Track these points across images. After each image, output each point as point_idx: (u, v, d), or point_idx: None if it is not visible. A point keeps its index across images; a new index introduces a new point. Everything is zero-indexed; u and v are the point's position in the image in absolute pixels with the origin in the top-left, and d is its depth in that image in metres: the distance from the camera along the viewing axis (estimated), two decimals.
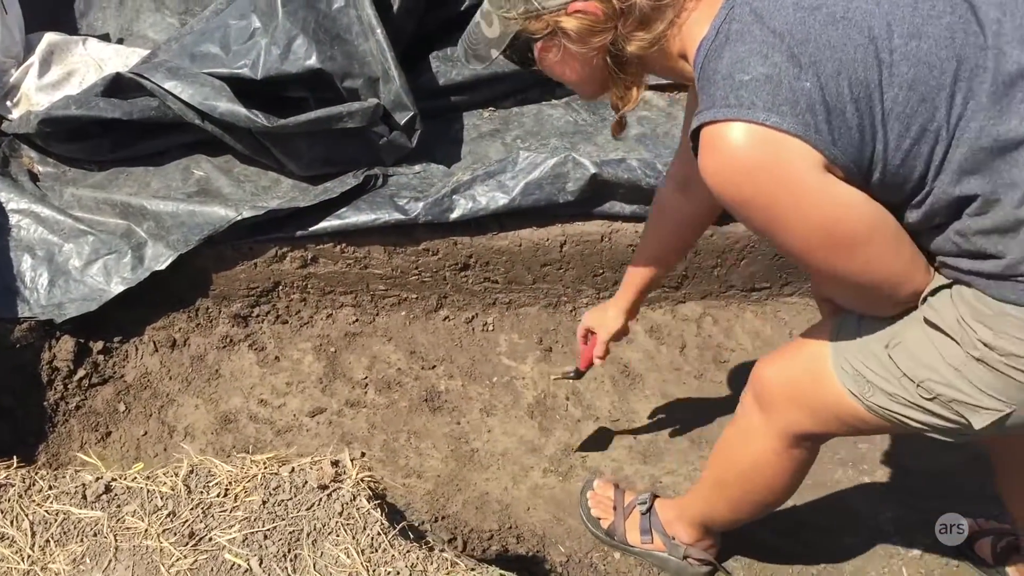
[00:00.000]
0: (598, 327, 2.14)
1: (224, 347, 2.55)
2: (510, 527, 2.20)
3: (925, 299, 1.37)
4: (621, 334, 2.17)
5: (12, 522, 1.42)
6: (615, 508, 2.18)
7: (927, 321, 1.37)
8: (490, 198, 2.51)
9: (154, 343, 2.51)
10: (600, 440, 2.43)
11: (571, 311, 2.72)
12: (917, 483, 2.33)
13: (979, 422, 1.36)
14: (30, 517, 1.43)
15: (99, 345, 2.43)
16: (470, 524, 2.20)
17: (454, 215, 2.50)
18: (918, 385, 1.39)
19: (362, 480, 1.54)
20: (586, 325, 2.17)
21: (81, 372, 2.38)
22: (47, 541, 1.41)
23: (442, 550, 1.48)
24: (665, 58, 1.38)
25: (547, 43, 1.38)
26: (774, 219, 1.27)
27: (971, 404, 1.36)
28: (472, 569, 1.44)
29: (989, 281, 1.29)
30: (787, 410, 1.61)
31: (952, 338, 1.34)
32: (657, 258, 2.00)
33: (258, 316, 2.61)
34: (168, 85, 2.49)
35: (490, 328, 2.68)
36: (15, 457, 1.53)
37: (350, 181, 2.53)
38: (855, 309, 1.50)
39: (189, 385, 2.46)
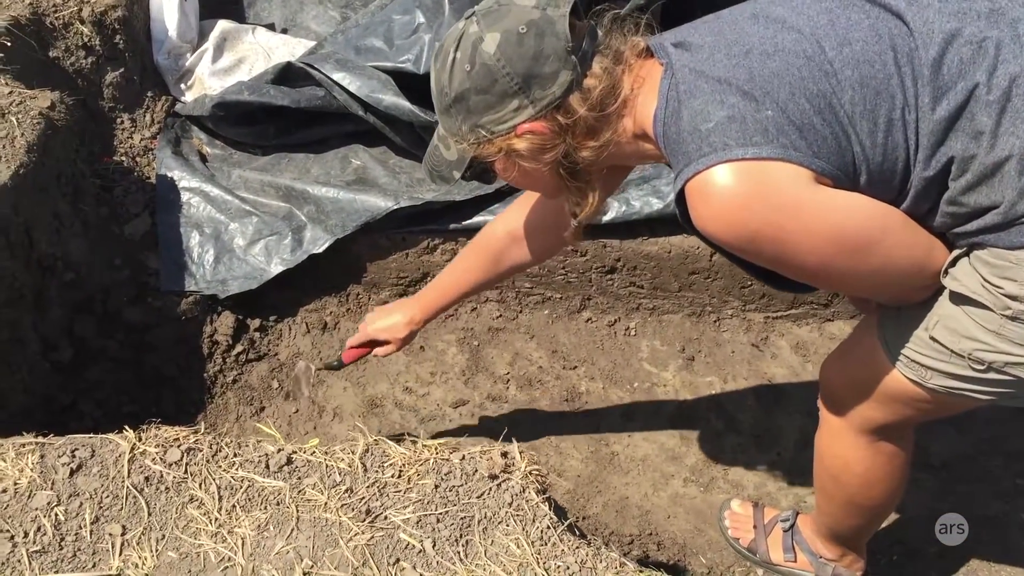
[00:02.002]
0: (390, 338, 2.05)
1: None
2: (650, 533, 2.19)
3: (946, 272, 1.37)
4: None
5: (201, 485, 1.48)
6: (755, 526, 2.15)
7: (955, 294, 1.36)
8: (644, 202, 2.51)
9: (306, 324, 2.58)
10: None
11: (715, 321, 2.69)
12: None
13: None
14: (217, 482, 1.49)
15: (256, 323, 2.52)
16: (610, 527, 2.20)
17: (606, 217, 2.50)
18: (968, 358, 1.38)
19: (530, 473, 1.55)
20: (375, 335, 2.07)
21: (239, 348, 2.47)
22: (233, 506, 1.46)
23: (610, 550, 1.48)
24: (621, 149, 1.43)
25: (503, 162, 1.43)
26: (784, 245, 1.28)
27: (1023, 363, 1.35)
28: (640, 571, 1.44)
29: (999, 234, 1.28)
30: (858, 406, 1.63)
31: (982, 304, 1.33)
32: (466, 291, 2.01)
33: None
34: (337, 76, 2.57)
35: (632, 333, 2.68)
36: (205, 424, 1.60)
37: None
38: (891, 303, 1.51)
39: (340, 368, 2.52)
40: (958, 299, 1.37)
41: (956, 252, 1.36)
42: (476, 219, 2.53)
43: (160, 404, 2.32)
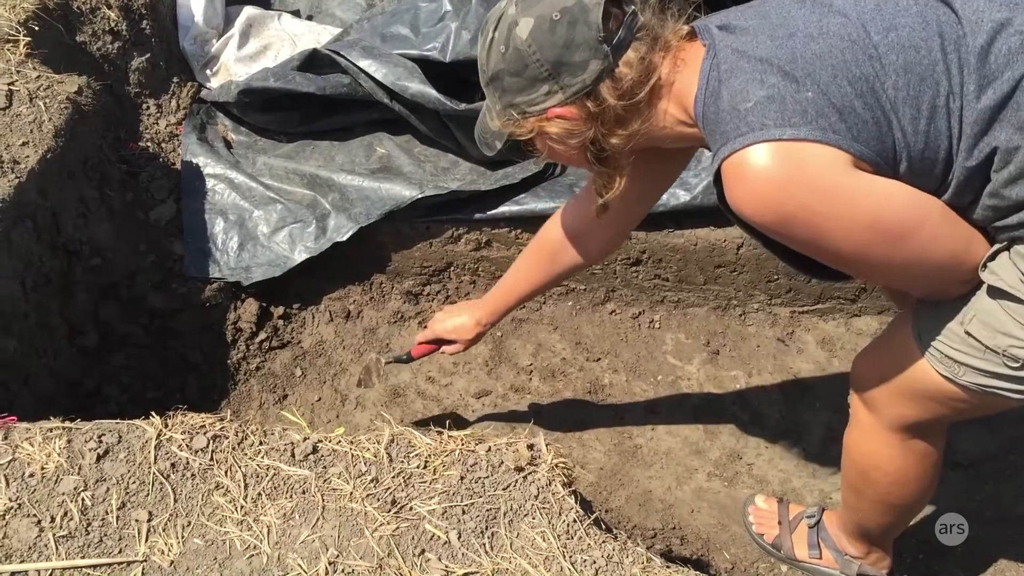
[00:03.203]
0: (458, 338, 2.09)
1: (395, 322, 2.60)
2: (674, 527, 2.18)
3: (985, 265, 1.33)
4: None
5: (227, 472, 1.48)
6: (780, 522, 2.14)
7: (993, 288, 1.33)
8: (671, 194, 2.48)
9: (330, 313, 2.58)
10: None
11: (740, 315, 2.67)
12: None
13: None
14: (243, 470, 1.48)
15: (279, 310, 2.52)
16: (633, 520, 2.18)
17: None
18: (1003, 354, 1.36)
19: (556, 466, 1.54)
20: (443, 335, 2.10)
21: (262, 335, 2.47)
22: (259, 494, 1.46)
23: (636, 544, 1.47)
24: (659, 133, 1.43)
25: (538, 140, 1.46)
26: (818, 229, 1.26)
27: None
28: (667, 566, 1.43)
29: None
30: (890, 403, 1.60)
31: (1020, 299, 1.30)
32: (528, 292, 2.02)
33: (428, 295, 2.66)
34: (363, 64, 2.56)
35: (656, 326, 2.66)
36: (229, 411, 1.59)
37: (531, 167, 2.54)
38: (927, 296, 1.49)
39: (361, 356, 2.52)
40: (996, 293, 1.34)
41: (997, 246, 1.34)
42: (501, 209, 2.52)
43: (184, 390, 2.32)
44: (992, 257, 1.34)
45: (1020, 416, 2.37)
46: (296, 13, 3.15)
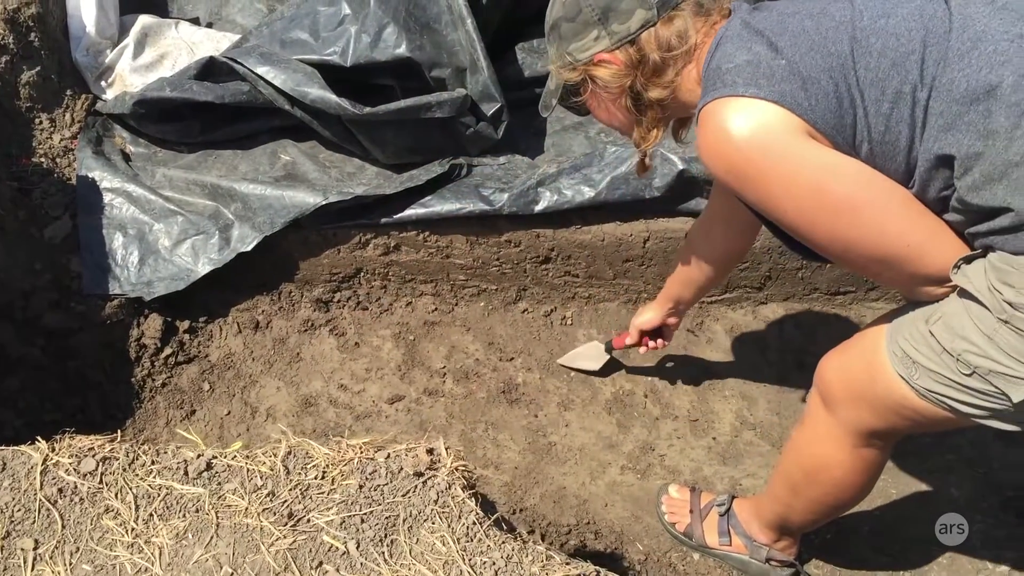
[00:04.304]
0: (653, 326, 2.32)
1: (305, 331, 2.57)
2: (588, 522, 2.19)
3: (958, 266, 1.36)
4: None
5: (117, 495, 1.44)
6: (691, 511, 2.16)
7: (962, 291, 1.37)
8: (576, 191, 2.50)
9: (238, 324, 2.54)
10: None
11: None
12: (1006, 496, 2.27)
13: (1017, 394, 1.34)
14: (134, 491, 1.45)
15: (185, 324, 2.47)
16: (548, 518, 2.19)
17: (539, 207, 2.49)
18: (957, 359, 1.38)
19: (456, 469, 1.54)
20: (642, 326, 2.32)
21: (168, 350, 2.41)
22: (150, 515, 1.43)
23: (536, 543, 1.47)
24: (686, 95, 1.54)
25: (584, 89, 1.61)
26: (764, 189, 1.36)
27: (1008, 375, 1.34)
28: (567, 563, 1.43)
29: (1007, 237, 1.29)
30: (849, 407, 1.61)
31: (984, 305, 1.33)
32: (694, 283, 2.18)
33: (339, 301, 2.63)
34: (261, 70, 2.52)
35: (568, 322, 2.67)
36: (119, 431, 1.56)
37: (436, 169, 2.53)
38: (902, 292, 1.53)
39: (271, 367, 2.48)
40: (964, 295, 1.36)
41: (975, 252, 1.35)
42: (408, 212, 2.50)
43: (86, 411, 2.26)
44: (969, 261, 1.35)
45: None
46: (195, 21, 3.09)
